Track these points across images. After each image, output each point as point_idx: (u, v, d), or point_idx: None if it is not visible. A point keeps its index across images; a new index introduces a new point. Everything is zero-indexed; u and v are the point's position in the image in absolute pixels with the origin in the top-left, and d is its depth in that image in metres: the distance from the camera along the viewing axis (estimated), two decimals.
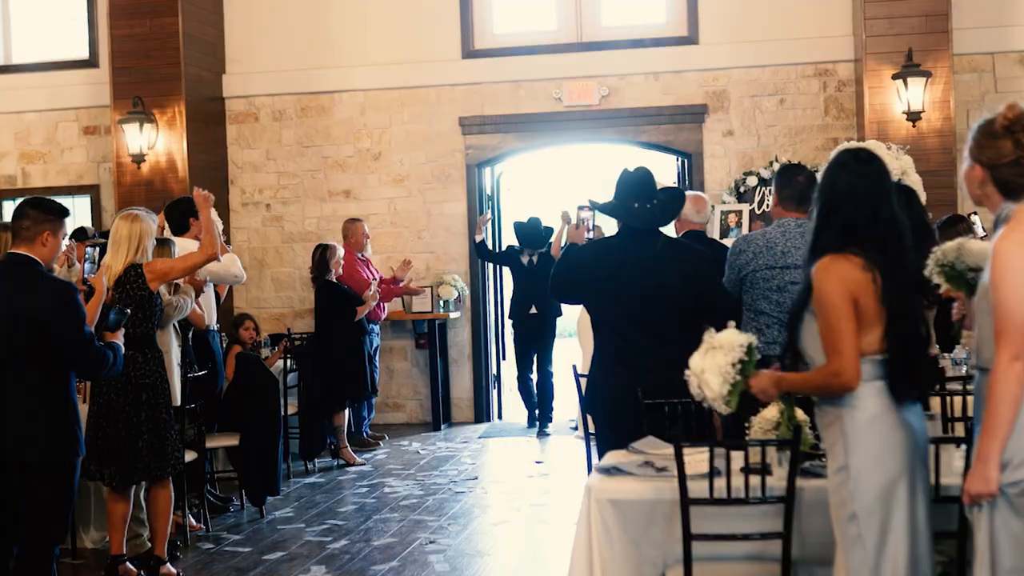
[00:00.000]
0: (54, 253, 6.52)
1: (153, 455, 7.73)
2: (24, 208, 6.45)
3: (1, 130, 15.07)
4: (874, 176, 4.57)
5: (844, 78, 13.70)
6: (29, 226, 6.38)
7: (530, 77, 14.20)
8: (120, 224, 7.88)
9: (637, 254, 6.53)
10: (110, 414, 7.66)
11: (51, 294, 6.30)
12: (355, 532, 9.15)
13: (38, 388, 6.28)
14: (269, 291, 14.74)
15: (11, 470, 6.26)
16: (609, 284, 6.53)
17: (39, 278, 6.35)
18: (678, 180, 14.25)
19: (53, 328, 6.23)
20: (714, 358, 4.78)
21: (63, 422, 6.33)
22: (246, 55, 14.70)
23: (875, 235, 4.48)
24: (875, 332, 4.44)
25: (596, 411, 6.76)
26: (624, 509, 5.22)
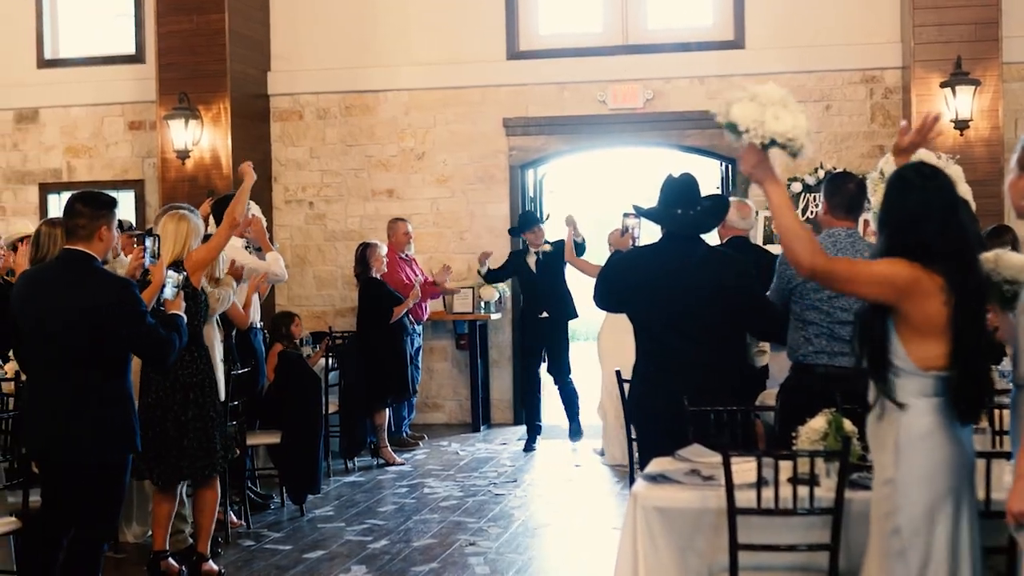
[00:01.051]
0: (110, 246, 6.51)
1: (200, 454, 7.77)
2: (76, 205, 6.39)
3: (48, 124, 15.15)
4: (941, 191, 4.51)
5: (891, 85, 13.62)
6: (85, 224, 6.33)
7: (575, 79, 14.17)
8: (167, 222, 7.89)
9: (678, 261, 6.53)
10: (159, 412, 7.69)
11: (110, 290, 6.30)
12: (395, 532, 9.16)
13: (93, 386, 6.28)
14: (311, 289, 14.77)
15: (63, 470, 6.28)
16: (650, 290, 6.53)
17: (97, 275, 6.35)
18: (722, 185, 14.21)
19: (117, 324, 6.24)
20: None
21: (117, 421, 6.35)
22: (292, 53, 14.73)
23: (947, 251, 4.40)
24: (938, 347, 4.36)
25: (639, 418, 6.74)
26: (670, 517, 5.19)
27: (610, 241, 7.22)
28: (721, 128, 4.67)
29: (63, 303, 6.25)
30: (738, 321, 6.66)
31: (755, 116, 4.53)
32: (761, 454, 5.13)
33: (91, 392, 6.27)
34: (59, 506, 6.32)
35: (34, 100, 15.14)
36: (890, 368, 4.39)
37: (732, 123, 4.57)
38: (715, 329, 6.50)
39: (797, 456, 5.10)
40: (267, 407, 10.01)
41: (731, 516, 5.04)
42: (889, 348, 4.40)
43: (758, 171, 4.57)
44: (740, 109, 4.56)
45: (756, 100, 4.57)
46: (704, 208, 6.69)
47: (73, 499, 6.28)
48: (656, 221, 6.74)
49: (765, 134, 4.53)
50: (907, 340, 4.38)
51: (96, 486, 6.30)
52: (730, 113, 4.58)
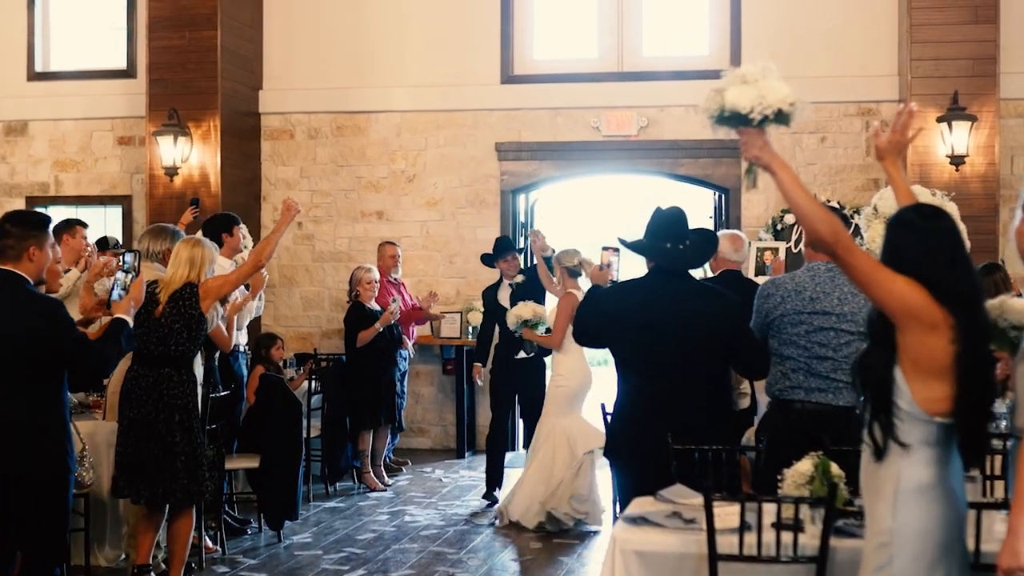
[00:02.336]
0: (42, 267, 6.36)
1: (191, 478, 7.72)
2: (5, 225, 6.28)
3: (36, 137, 15.03)
4: (943, 232, 4.34)
5: (887, 118, 13.48)
6: (13, 244, 6.21)
7: (569, 105, 14.06)
8: (181, 248, 7.94)
9: (666, 296, 6.39)
10: (142, 430, 7.63)
11: (38, 311, 6.16)
12: (373, 562, 9.00)
13: (24, 404, 6.12)
14: (297, 310, 14.63)
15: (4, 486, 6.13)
16: (635, 326, 6.39)
17: (23, 295, 6.19)
18: (715, 215, 14.08)
19: (49, 345, 6.11)
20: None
21: (50, 438, 6.19)
22: (284, 71, 14.62)
23: (956, 290, 4.23)
24: (943, 388, 4.19)
25: (621, 456, 6.58)
26: (650, 561, 5.06)
27: (589, 275, 7.06)
28: (715, 125, 4.50)
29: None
30: (726, 358, 6.53)
31: (754, 94, 4.38)
32: (744, 499, 4.98)
33: (27, 409, 6.12)
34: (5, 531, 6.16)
35: (23, 113, 15.02)
36: (894, 410, 4.23)
37: (734, 111, 4.39)
38: (702, 366, 6.38)
39: (782, 502, 4.95)
40: (247, 430, 9.86)
41: (712, 562, 4.90)
42: (893, 389, 4.23)
43: (765, 153, 4.39)
44: (736, 93, 4.39)
45: (745, 80, 4.43)
46: (693, 243, 6.56)
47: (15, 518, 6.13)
48: (643, 254, 6.60)
49: (769, 106, 4.37)
50: (912, 379, 4.20)
51: (36, 503, 6.14)
52: (727, 102, 4.39)
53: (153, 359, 7.76)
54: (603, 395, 9.74)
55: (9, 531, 6.16)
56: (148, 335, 7.74)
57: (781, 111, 4.37)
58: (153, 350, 7.75)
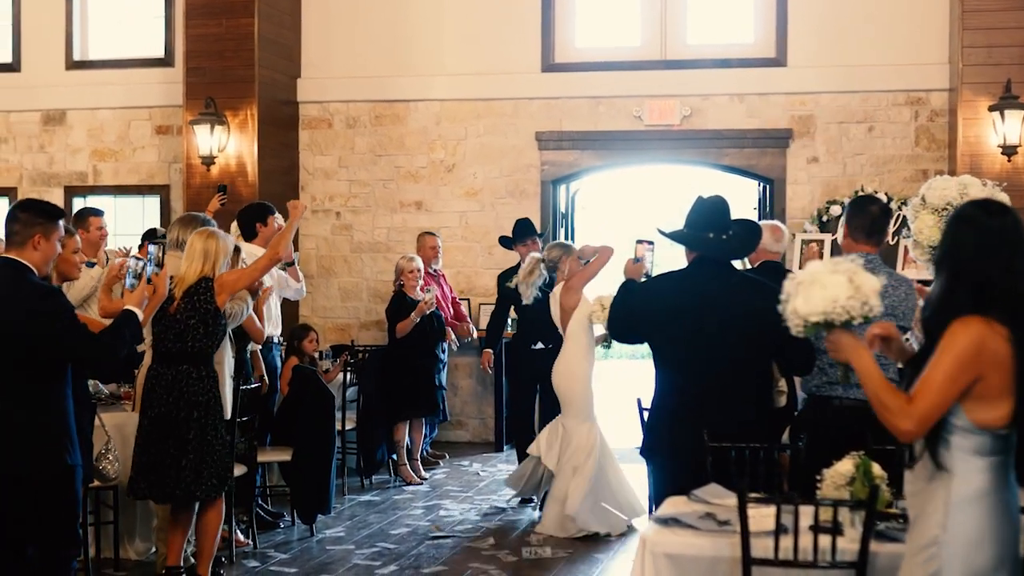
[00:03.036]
0: (48, 257, 6.22)
1: (210, 473, 7.52)
2: (14, 211, 6.18)
3: (75, 126, 14.95)
4: (1008, 230, 4.11)
5: (937, 108, 13.23)
6: (19, 231, 6.09)
7: (610, 94, 13.85)
8: (195, 239, 7.68)
9: (709, 288, 6.14)
10: (162, 429, 7.44)
11: (38, 301, 6.00)
12: (405, 557, 8.84)
13: (25, 398, 5.98)
14: (335, 300, 14.49)
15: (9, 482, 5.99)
16: (677, 320, 6.13)
17: (24, 284, 6.04)
18: (759, 207, 13.84)
19: (49, 337, 5.95)
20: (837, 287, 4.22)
21: (53, 433, 6.05)
22: (322, 60, 14.48)
23: (1012, 296, 4.02)
24: (1002, 407, 3.98)
25: (656, 455, 6.36)
26: (681, 565, 4.86)
27: (623, 269, 6.80)
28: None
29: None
30: (770, 353, 6.27)
31: (845, 294, 4.19)
32: (780, 500, 4.76)
33: (28, 404, 5.98)
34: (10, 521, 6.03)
35: (62, 102, 14.95)
36: (944, 427, 4.02)
37: (827, 319, 4.20)
38: (748, 362, 6.15)
39: (820, 505, 4.73)
40: (280, 423, 9.73)
41: (746, 567, 4.69)
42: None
43: (853, 352, 4.19)
44: (831, 293, 4.20)
45: (824, 285, 4.22)
46: (736, 233, 6.32)
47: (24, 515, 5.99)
48: (685, 245, 6.35)
49: (857, 308, 4.19)
50: (967, 402, 4.00)
51: (42, 499, 6.00)
52: (826, 309, 4.19)
53: (171, 356, 7.58)
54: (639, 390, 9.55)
55: (13, 529, 6.03)
56: (165, 332, 7.57)
57: (868, 305, 4.20)
58: (171, 347, 7.57)
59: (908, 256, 11.70)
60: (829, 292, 4.17)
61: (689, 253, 6.33)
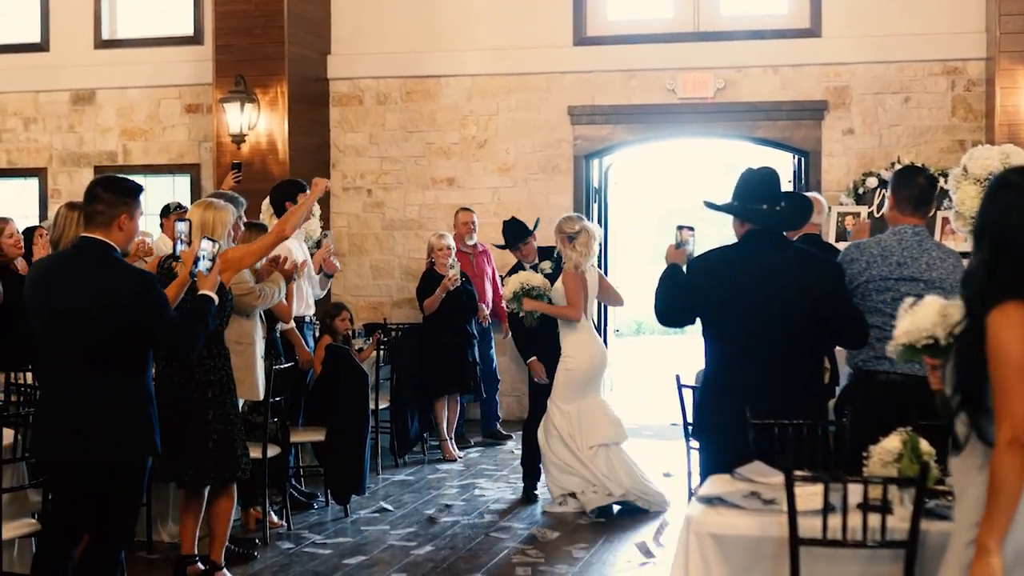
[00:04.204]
0: (131, 237, 6.08)
1: (223, 456, 7.28)
2: (96, 190, 5.96)
3: (104, 105, 14.90)
4: None
5: (974, 77, 13.03)
6: (104, 211, 5.90)
7: (643, 67, 13.70)
8: (194, 211, 7.35)
9: (765, 261, 5.98)
10: (178, 412, 7.23)
11: (128, 285, 5.85)
12: (441, 537, 8.75)
13: (110, 384, 5.84)
14: (367, 279, 14.41)
15: (73, 470, 5.89)
16: (733, 293, 5.96)
17: (115, 267, 5.91)
18: (794, 180, 13.69)
19: (137, 322, 5.81)
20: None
21: (134, 419, 5.92)
22: (352, 36, 14.36)
23: None
24: None
25: (707, 431, 6.23)
26: (726, 544, 4.73)
27: (665, 255, 6.64)
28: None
29: (76, 296, 5.81)
30: (827, 327, 6.11)
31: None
32: (828, 480, 4.63)
33: (108, 390, 5.84)
34: (71, 510, 5.93)
35: (91, 81, 14.90)
36: (985, 406, 3.87)
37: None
38: (805, 337, 5.99)
39: (869, 483, 4.60)
40: (313, 402, 9.65)
41: (793, 547, 4.57)
42: (985, 387, 3.85)
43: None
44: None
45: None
46: (788, 206, 6.16)
47: (85, 503, 5.89)
48: (737, 217, 6.19)
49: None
50: None
51: (110, 489, 5.89)
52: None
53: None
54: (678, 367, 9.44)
55: (77, 514, 5.94)
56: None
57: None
58: None
59: (946, 227, 11.54)
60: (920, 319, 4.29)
61: (740, 226, 6.17)
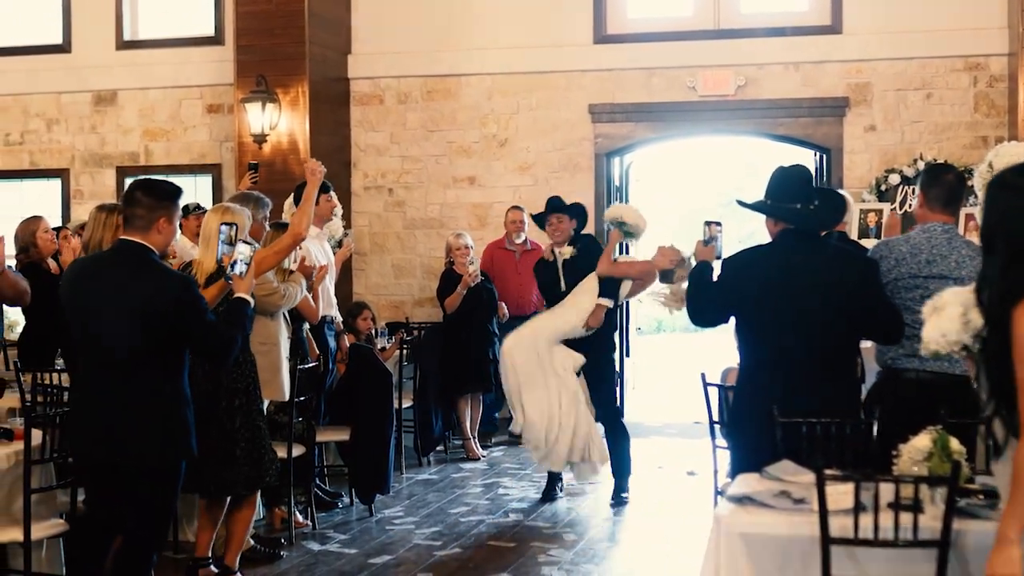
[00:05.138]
0: (170, 240, 6.13)
1: (251, 464, 7.25)
2: (136, 193, 5.99)
3: (126, 106, 14.93)
4: None
5: (996, 73, 12.98)
6: (143, 214, 5.94)
7: (664, 64, 13.67)
8: (211, 217, 7.25)
9: (800, 261, 5.95)
10: (205, 419, 7.16)
11: (168, 288, 5.88)
12: (466, 537, 8.76)
13: (148, 386, 5.87)
14: (389, 278, 14.41)
15: (114, 471, 5.91)
16: (770, 292, 5.93)
17: (154, 270, 5.93)
18: (816, 176, 13.64)
19: (177, 325, 5.84)
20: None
21: (173, 424, 5.95)
22: (373, 35, 14.37)
23: None
24: None
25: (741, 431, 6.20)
26: (756, 544, 4.72)
27: (693, 252, 6.60)
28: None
29: (116, 298, 5.84)
30: (866, 326, 6.08)
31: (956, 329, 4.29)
32: (860, 479, 4.63)
33: (146, 392, 5.86)
34: (106, 511, 5.95)
35: (113, 82, 14.91)
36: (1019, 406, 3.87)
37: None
38: (842, 336, 5.97)
39: (900, 482, 4.59)
40: (337, 402, 9.66)
41: (824, 546, 4.56)
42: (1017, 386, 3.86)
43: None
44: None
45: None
46: (822, 204, 6.14)
47: (119, 505, 5.91)
48: (772, 216, 6.16)
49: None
50: None
51: (145, 491, 5.92)
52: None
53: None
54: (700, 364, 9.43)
55: (112, 516, 5.96)
56: None
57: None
58: None
59: (970, 224, 11.49)
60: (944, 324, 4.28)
61: (773, 225, 6.14)
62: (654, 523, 9.21)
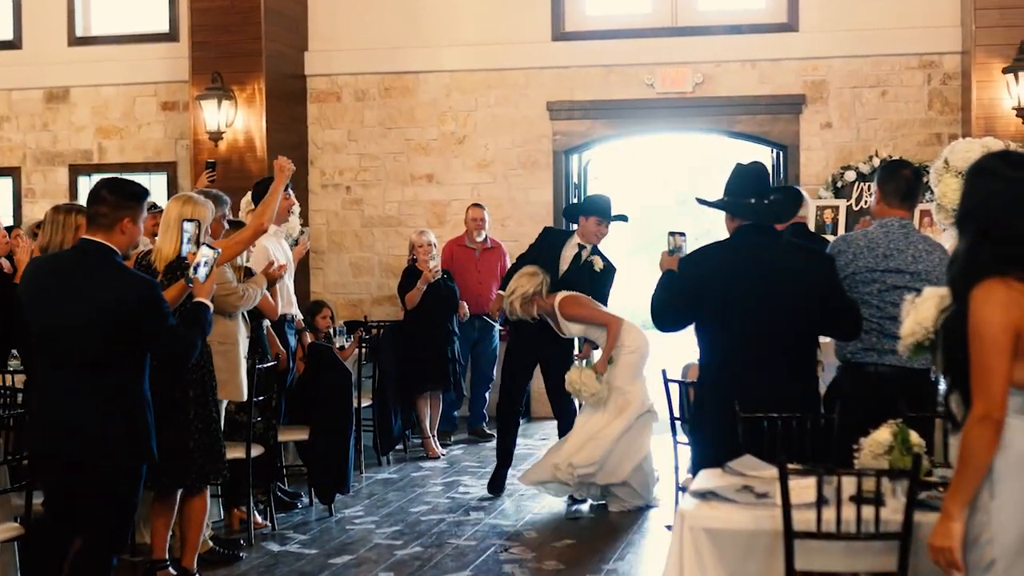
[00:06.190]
0: (133, 241, 6.03)
1: (206, 457, 7.19)
2: (102, 192, 5.90)
3: (78, 103, 14.82)
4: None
5: (950, 71, 13.08)
6: (107, 213, 5.85)
7: (622, 62, 13.70)
8: (172, 206, 7.24)
9: (756, 256, 5.97)
10: (157, 413, 7.09)
11: (133, 290, 5.81)
12: (427, 536, 8.72)
13: (108, 387, 5.80)
14: (347, 276, 14.37)
15: (73, 470, 5.84)
16: (730, 289, 5.95)
17: (117, 271, 5.86)
18: (773, 173, 13.70)
19: (139, 327, 5.78)
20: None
21: (133, 425, 5.88)
22: (329, 32, 14.32)
23: None
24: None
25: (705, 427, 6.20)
26: (720, 539, 4.73)
27: (659, 263, 6.61)
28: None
29: (77, 299, 5.77)
30: (824, 321, 6.09)
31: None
32: (822, 472, 4.64)
33: (107, 392, 5.80)
34: (65, 514, 5.89)
35: (65, 79, 14.81)
36: None
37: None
38: (801, 331, 6.00)
39: (862, 475, 4.61)
40: (295, 401, 9.60)
41: (788, 540, 4.58)
42: None
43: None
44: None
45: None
46: (778, 199, 6.20)
47: (81, 506, 5.85)
48: (728, 212, 6.18)
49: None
50: None
51: (108, 493, 5.85)
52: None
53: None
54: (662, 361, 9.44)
55: (75, 518, 5.90)
56: None
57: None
58: None
59: (924, 220, 11.56)
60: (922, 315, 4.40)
61: (731, 222, 6.17)
62: (616, 519, 9.20)
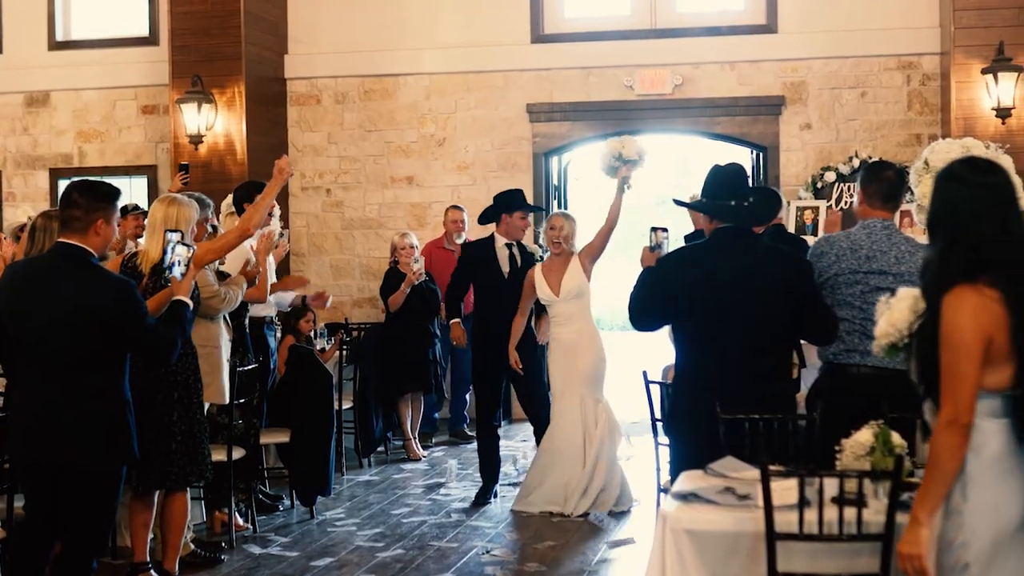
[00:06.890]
0: (108, 241, 6.06)
1: (188, 459, 7.18)
2: (72, 195, 5.93)
3: (59, 107, 14.78)
4: (1000, 188, 4.01)
5: (929, 71, 13.12)
6: (80, 215, 5.88)
7: (601, 64, 13.71)
8: (156, 208, 7.27)
9: (734, 259, 5.98)
10: (139, 411, 7.08)
11: (107, 291, 5.83)
12: (408, 538, 8.72)
13: (88, 388, 5.83)
14: (327, 279, 14.34)
15: (54, 472, 5.85)
16: (708, 290, 5.95)
17: (93, 272, 5.89)
18: (753, 174, 13.74)
19: (117, 328, 5.80)
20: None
21: (113, 425, 5.90)
22: (309, 35, 14.31)
23: (1006, 257, 3.92)
24: (1007, 369, 3.90)
25: (680, 429, 6.22)
26: (702, 541, 4.73)
27: (640, 259, 6.63)
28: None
29: (54, 301, 5.79)
30: (800, 323, 6.11)
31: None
32: (804, 474, 4.65)
33: (88, 394, 5.82)
34: (46, 516, 5.88)
35: (45, 83, 14.77)
36: None
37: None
38: (777, 331, 6.01)
39: (844, 477, 4.62)
40: (276, 403, 9.59)
41: (770, 541, 4.59)
42: None
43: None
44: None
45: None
46: (756, 201, 6.19)
47: (62, 508, 5.84)
48: (707, 214, 6.19)
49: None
50: None
51: (89, 495, 5.85)
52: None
53: None
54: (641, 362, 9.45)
55: (56, 521, 5.89)
56: None
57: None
58: None
59: (904, 221, 11.60)
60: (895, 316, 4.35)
61: (708, 223, 6.19)
62: (597, 521, 9.20)
